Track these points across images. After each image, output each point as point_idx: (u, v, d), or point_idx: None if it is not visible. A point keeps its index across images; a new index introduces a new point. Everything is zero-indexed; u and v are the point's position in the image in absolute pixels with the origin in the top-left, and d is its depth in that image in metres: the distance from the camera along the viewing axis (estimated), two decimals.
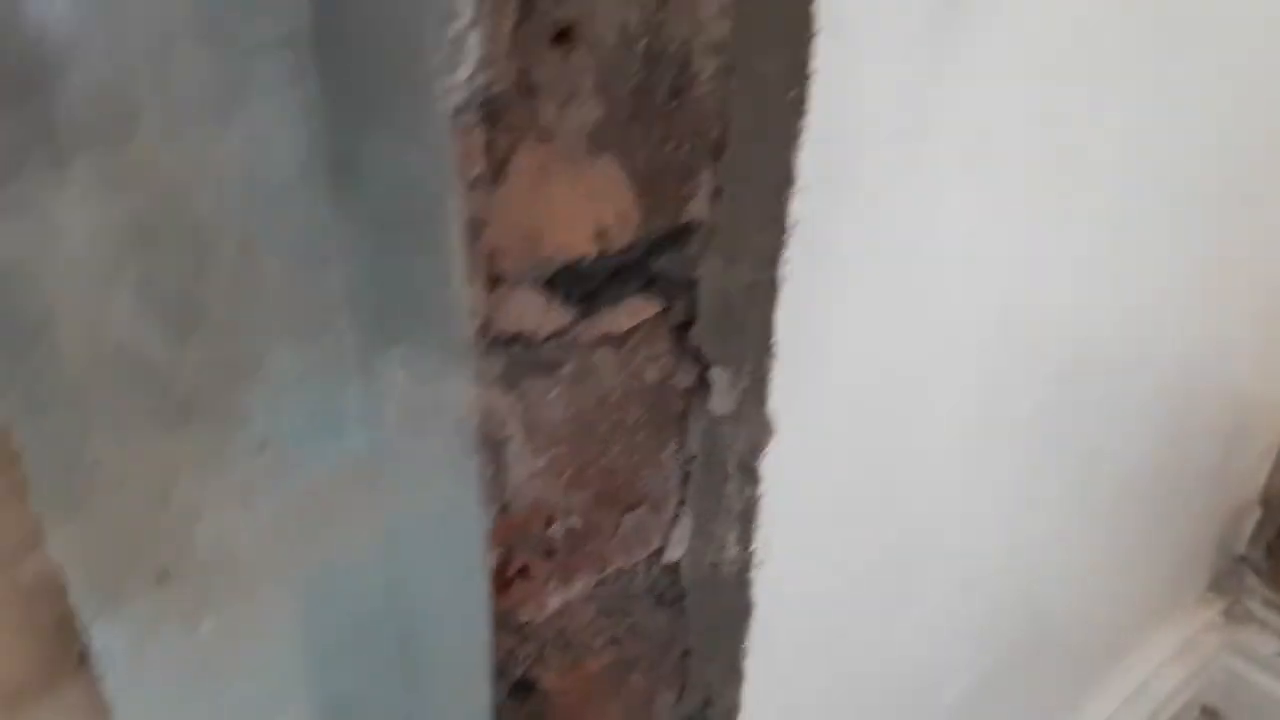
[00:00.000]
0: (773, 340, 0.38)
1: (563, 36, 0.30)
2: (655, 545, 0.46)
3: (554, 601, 0.42)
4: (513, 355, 0.34)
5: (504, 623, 0.41)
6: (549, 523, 0.40)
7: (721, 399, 0.41)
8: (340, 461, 0.23)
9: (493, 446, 0.26)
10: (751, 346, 0.38)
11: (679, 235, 0.37)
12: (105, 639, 0.23)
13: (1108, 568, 0.82)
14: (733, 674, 0.48)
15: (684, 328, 0.40)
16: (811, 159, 0.34)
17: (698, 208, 0.36)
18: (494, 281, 0.32)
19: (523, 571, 0.40)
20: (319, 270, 0.22)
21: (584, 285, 0.35)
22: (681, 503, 0.45)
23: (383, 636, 0.27)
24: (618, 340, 0.38)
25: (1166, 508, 0.84)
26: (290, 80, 0.21)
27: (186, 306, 0.20)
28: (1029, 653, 0.75)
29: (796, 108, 0.32)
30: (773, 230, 0.35)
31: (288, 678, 0.26)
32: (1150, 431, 0.74)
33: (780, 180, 0.34)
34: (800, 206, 0.35)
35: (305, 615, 0.24)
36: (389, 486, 0.24)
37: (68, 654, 0.24)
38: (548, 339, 0.35)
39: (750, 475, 0.42)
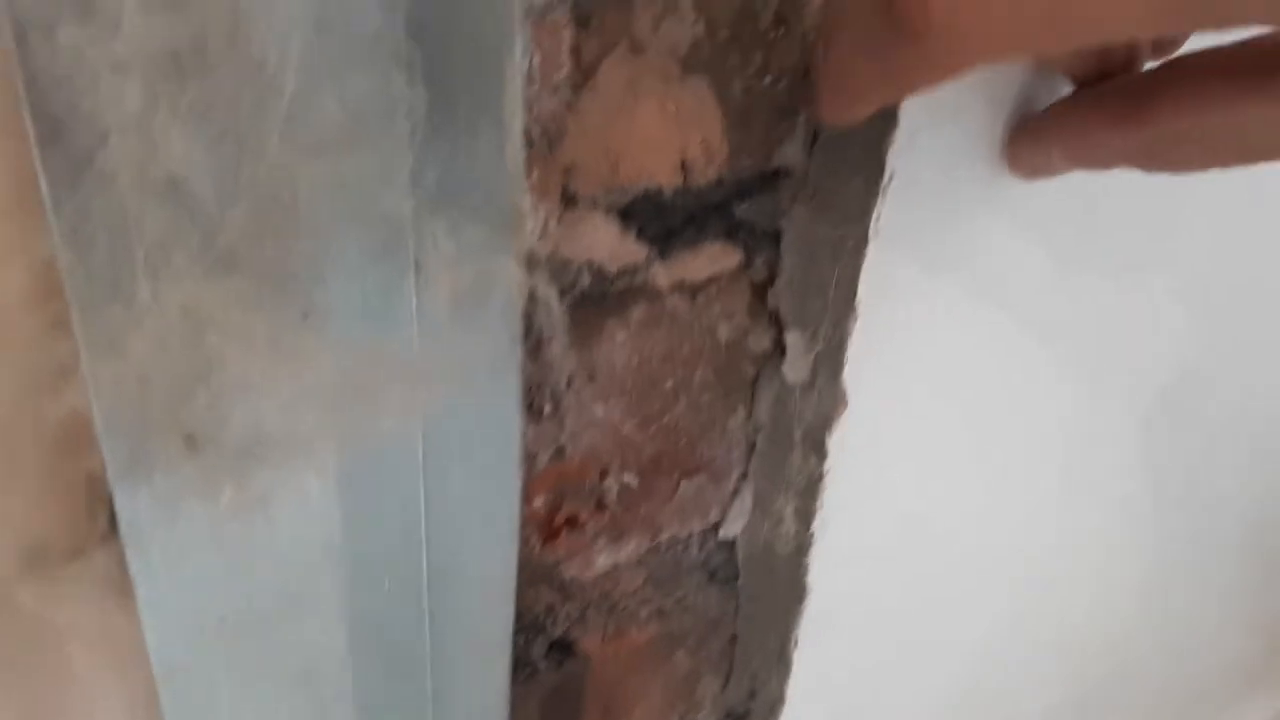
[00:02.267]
0: (856, 302, 0.36)
1: None
2: (713, 518, 0.44)
3: (602, 562, 0.41)
4: (581, 286, 0.33)
5: (548, 577, 0.40)
6: (603, 475, 0.38)
7: (795, 366, 0.39)
8: (386, 343, 0.22)
9: (547, 342, 0.25)
10: (831, 308, 0.36)
11: (768, 180, 0.35)
12: (130, 505, 0.22)
13: (1203, 625, 0.77)
14: (780, 663, 0.46)
15: (765, 287, 0.38)
16: (916, 106, 0.32)
17: (791, 152, 0.35)
18: (568, 201, 0.31)
19: (571, 521, 0.38)
20: (382, 130, 0.20)
21: (663, 221, 0.33)
22: (744, 476, 0.43)
23: (412, 541, 0.26)
24: (693, 289, 0.36)
25: (1271, 561, 0.79)
26: None
27: (241, 146, 0.19)
28: (1110, 700, 0.71)
29: None
30: (868, 178, 0.33)
31: (312, 571, 0.25)
32: (1263, 474, 0.69)
33: (879, 128, 0.32)
34: (900, 156, 0.33)
35: (334, 503, 0.23)
36: (431, 376, 0.22)
37: (95, 518, 0.23)
38: (619, 274, 0.34)
39: (817, 449, 0.40)
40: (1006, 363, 0.45)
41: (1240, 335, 0.57)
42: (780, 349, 0.40)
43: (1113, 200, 0.44)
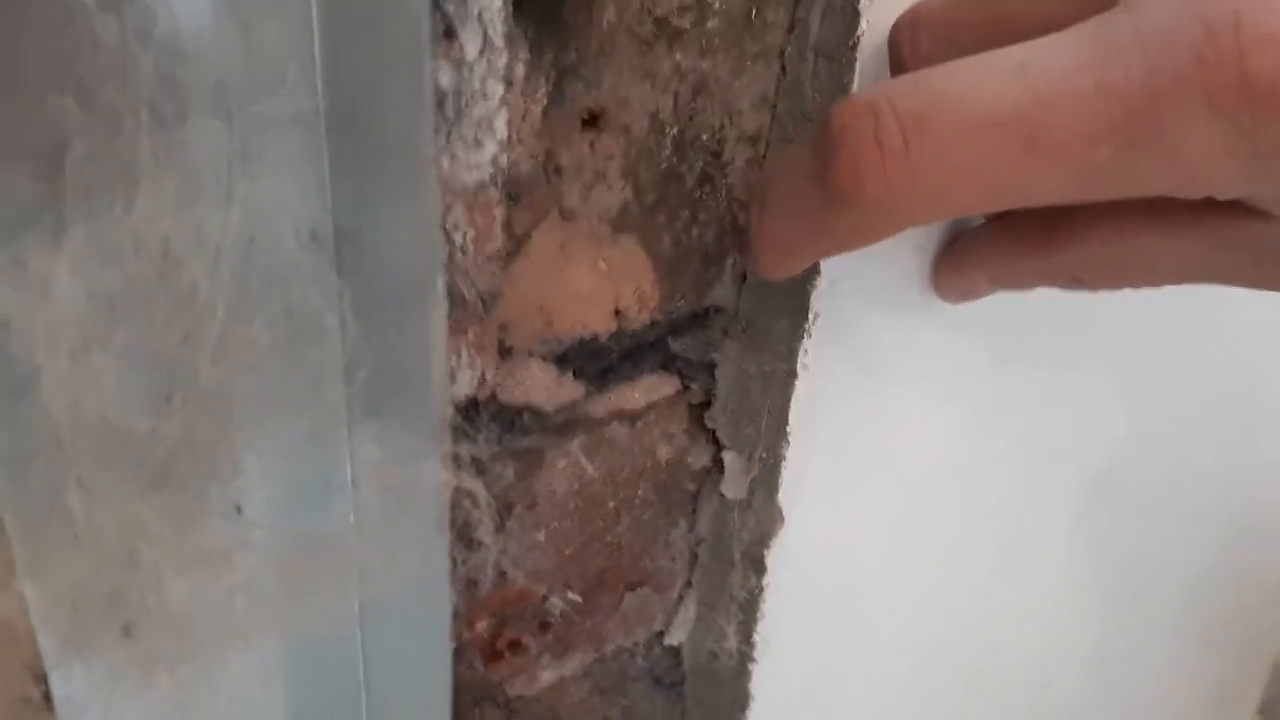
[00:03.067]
0: (787, 430, 0.37)
1: (592, 121, 0.30)
2: (658, 626, 0.45)
3: (547, 677, 0.42)
4: (519, 425, 0.34)
5: (492, 695, 0.40)
6: (546, 596, 0.39)
7: (733, 484, 0.40)
8: (317, 533, 0.23)
9: (474, 527, 0.26)
10: (765, 435, 0.38)
11: (700, 318, 0.36)
12: (67, 688, 0.23)
13: (1150, 684, 0.79)
14: None
15: (703, 406, 0.39)
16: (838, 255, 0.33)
17: (721, 292, 0.36)
18: (504, 353, 0.32)
19: (514, 645, 0.39)
20: (312, 344, 0.22)
21: (598, 362, 0.35)
22: (688, 584, 0.44)
23: (351, 692, 0.27)
24: (631, 416, 0.38)
25: (1218, 624, 0.81)
26: (302, 157, 0.21)
27: (173, 376, 0.20)
28: None
29: None
30: (793, 319, 0.35)
31: None
32: (1205, 543, 0.71)
33: (803, 274, 0.34)
34: (822, 299, 0.34)
35: (269, 685, 0.24)
36: (362, 563, 0.23)
37: (31, 698, 0.24)
38: (558, 411, 0.35)
39: (756, 565, 0.41)
40: (943, 467, 0.46)
41: (1170, 421, 0.59)
42: (720, 465, 0.41)
43: (1046, 300, 0.45)
